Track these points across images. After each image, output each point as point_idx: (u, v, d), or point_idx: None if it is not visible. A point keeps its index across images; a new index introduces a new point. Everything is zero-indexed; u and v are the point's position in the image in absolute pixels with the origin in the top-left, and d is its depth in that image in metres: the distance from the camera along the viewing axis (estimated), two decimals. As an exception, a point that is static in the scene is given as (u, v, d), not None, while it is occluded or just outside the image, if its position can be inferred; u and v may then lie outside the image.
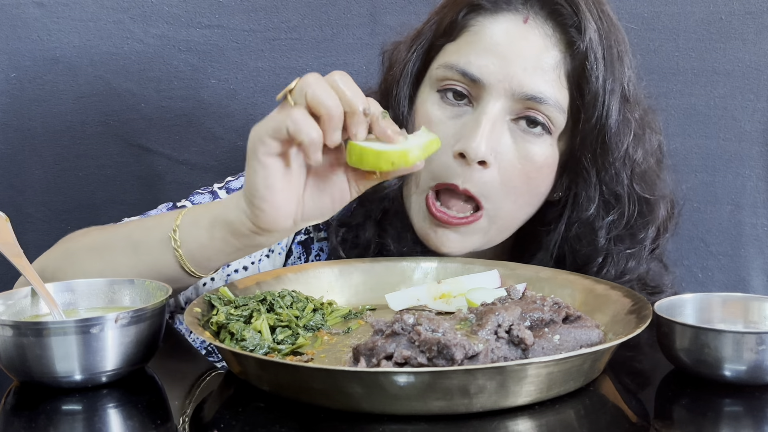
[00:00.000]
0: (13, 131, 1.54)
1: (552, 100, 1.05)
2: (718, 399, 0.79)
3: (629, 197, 1.10)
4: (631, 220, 1.10)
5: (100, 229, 1.08)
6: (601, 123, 1.05)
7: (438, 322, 0.77)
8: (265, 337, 0.88)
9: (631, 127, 1.08)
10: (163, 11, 1.54)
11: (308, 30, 1.57)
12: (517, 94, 1.04)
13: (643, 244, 1.12)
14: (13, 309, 0.88)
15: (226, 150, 1.59)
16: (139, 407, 0.79)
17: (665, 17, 1.61)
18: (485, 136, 1.03)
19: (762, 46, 1.61)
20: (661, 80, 1.62)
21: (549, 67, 1.05)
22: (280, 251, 1.19)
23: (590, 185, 1.09)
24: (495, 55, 1.05)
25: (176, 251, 0.94)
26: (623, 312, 0.89)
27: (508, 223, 1.11)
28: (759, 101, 1.62)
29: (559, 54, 1.06)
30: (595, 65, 1.04)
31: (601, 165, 1.08)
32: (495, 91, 1.05)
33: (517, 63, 1.04)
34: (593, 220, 1.10)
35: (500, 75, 1.04)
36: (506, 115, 1.06)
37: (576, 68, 1.06)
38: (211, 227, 0.93)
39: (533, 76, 1.04)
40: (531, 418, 0.74)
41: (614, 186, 1.09)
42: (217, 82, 1.57)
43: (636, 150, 1.09)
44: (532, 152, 1.07)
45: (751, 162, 1.63)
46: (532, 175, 1.08)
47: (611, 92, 1.05)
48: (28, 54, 1.52)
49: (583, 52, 1.04)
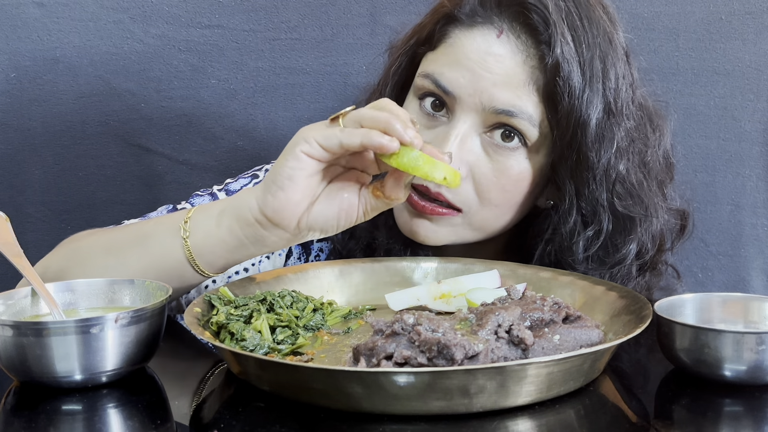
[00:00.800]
0: (13, 131, 1.54)
1: (524, 114, 1.04)
2: (718, 399, 0.79)
3: (609, 213, 1.07)
4: (608, 237, 1.08)
5: (105, 230, 1.08)
6: (577, 138, 1.03)
7: (438, 322, 0.77)
8: (265, 337, 0.88)
9: (614, 140, 1.05)
10: (163, 11, 1.54)
11: (308, 30, 1.57)
12: (488, 108, 1.04)
13: (623, 264, 1.09)
14: (13, 309, 0.88)
15: (226, 150, 1.59)
16: (139, 407, 0.79)
17: (665, 17, 1.61)
18: (453, 150, 1.04)
19: (762, 46, 1.61)
20: (661, 80, 1.62)
21: (520, 82, 1.04)
22: (279, 252, 1.19)
23: (569, 199, 1.07)
24: (466, 68, 1.05)
25: (184, 241, 0.94)
26: (623, 312, 0.89)
27: (485, 227, 1.11)
28: (759, 101, 1.62)
29: (531, 69, 1.04)
30: (568, 81, 1.02)
31: (579, 179, 1.06)
32: (466, 105, 1.05)
33: (486, 78, 1.04)
34: (572, 234, 1.08)
35: (470, 89, 1.04)
36: (478, 129, 1.06)
37: (548, 83, 1.03)
38: (220, 215, 0.94)
39: (503, 90, 1.03)
40: (531, 418, 0.74)
41: (592, 201, 1.06)
42: (217, 82, 1.57)
43: (618, 163, 1.06)
44: (507, 166, 1.06)
45: (751, 162, 1.63)
46: (508, 188, 1.07)
47: (588, 106, 1.03)
48: (28, 54, 1.52)
49: (552, 67, 1.02)
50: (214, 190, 1.19)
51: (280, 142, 1.27)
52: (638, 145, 1.10)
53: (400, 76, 1.15)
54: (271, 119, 1.59)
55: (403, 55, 1.15)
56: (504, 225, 1.12)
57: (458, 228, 1.10)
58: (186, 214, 0.96)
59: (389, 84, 1.15)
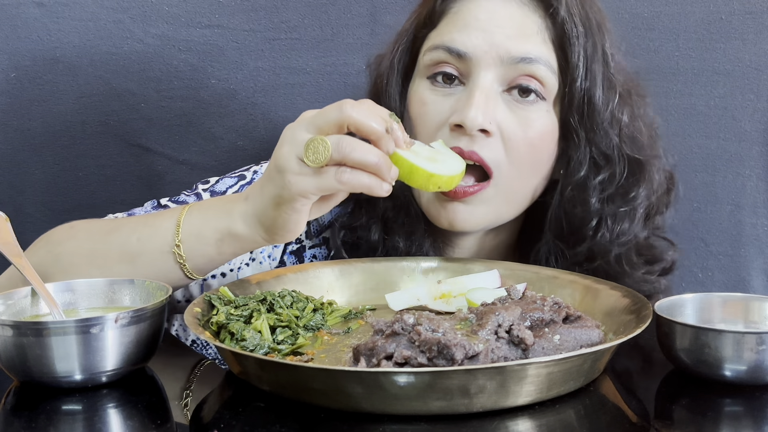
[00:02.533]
0: (13, 131, 1.54)
1: (542, 59, 1.07)
2: (718, 399, 0.79)
3: (619, 157, 1.11)
4: (622, 179, 1.12)
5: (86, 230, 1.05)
6: (587, 85, 1.08)
7: (438, 322, 0.77)
8: (265, 337, 0.88)
9: (616, 89, 1.10)
10: (163, 11, 1.54)
11: (308, 30, 1.57)
12: (506, 60, 1.06)
13: (635, 203, 1.13)
14: (13, 309, 0.88)
15: (226, 150, 1.59)
16: (139, 407, 0.79)
17: (665, 17, 1.61)
18: (480, 107, 1.04)
19: (762, 46, 1.61)
20: (661, 80, 1.62)
21: (532, 31, 1.07)
22: (262, 260, 1.18)
23: (580, 147, 1.10)
24: (477, 29, 1.07)
25: (182, 265, 0.96)
26: (623, 312, 0.89)
27: (516, 195, 1.11)
28: (759, 101, 1.62)
29: (540, 19, 1.08)
30: (575, 28, 1.07)
31: (589, 126, 1.09)
32: (483, 62, 1.06)
33: (500, 32, 1.06)
34: (585, 181, 1.11)
35: (485, 46, 1.06)
36: (499, 86, 1.07)
37: (558, 31, 1.08)
38: (220, 242, 0.95)
39: (518, 40, 1.06)
40: (531, 418, 0.74)
41: (603, 146, 1.10)
42: (217, 82, 1.57)
43: (622, 111, 1.11)
44: (531, 119, 1.08)
45: (751, 162, 1.63)
46: (536, 143, 1.09)
47: (593, 55, 1.08)
48: (28, 54, 1.52)
49: (562, 15, 1.07)
50: (200, 191, 1.19)
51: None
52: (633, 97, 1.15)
53: (403, 65, 1.15)
54: (271, 119, 1.59)
55: (402, 44, 1.15)
56: (531, 192, 1.13)
57: (492, 204, 1.09)
58: (175, 236, 0.96)
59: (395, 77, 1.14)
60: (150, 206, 1.18)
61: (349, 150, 0.86)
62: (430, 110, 1.09)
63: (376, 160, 0.86)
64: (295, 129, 0.89)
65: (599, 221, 1.11)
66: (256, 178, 1.20)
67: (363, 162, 0.86)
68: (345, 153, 0.86)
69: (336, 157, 0.86)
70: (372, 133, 0.87)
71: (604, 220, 1.11)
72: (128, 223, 1.03)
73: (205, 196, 1.18)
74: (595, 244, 1.11)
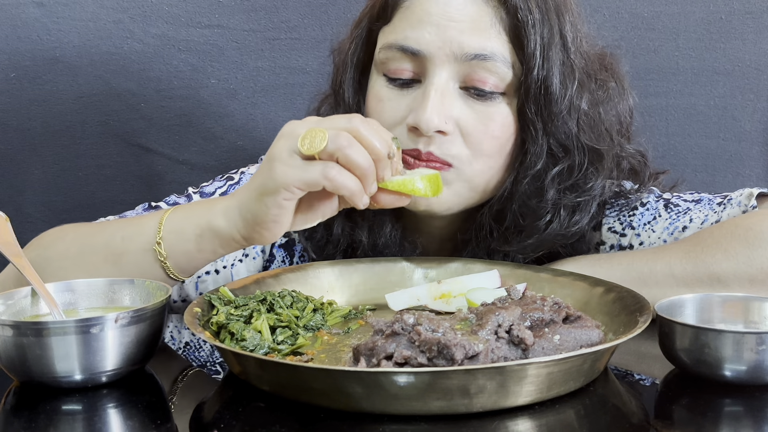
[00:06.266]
0: (13, 131, 1.54)
1: (497, 55, 1.04)
2: (718, 399, 0.79)
3: (577, 147, 1.08)
4: (581, 171, 1.09)
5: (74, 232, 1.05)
6: (543, 75, 1.05)
7: (438, 322, 0.77)
8: (265, 337, 0.88)
9: (575, 75, 1.07)
10: (163, 11, 1.54)
11: (308, 30, 1.58)
12: (460, 56, 1.04)
13: (593, 193, 1.10)
14: (13, 309, 0.88)
15: (226, 150, 1.59)
16: (139, 407, 0.79)
17: (665, 17, 1.61)
18: (435, 107, 1.03)
19: (762, 46, 1.61)
20: (661, 80, 1.63)
21: (486, 24, 1.04)
22: (255, 255, 1.18)
23: (537, 138, 1.07)
24: (430, 24, 1.04)
25: (162, 263, 0.96)
26: (623, 312, 0.89)
27: (480, 183, 1.09)
28: (759, 101, 1.62)
29: (493, 10, 1.05)
30: (529, 15, 1.04)
31: (546, 116, 1.06)
32: (437, 59, 1.04)
33: (453, 27, 1.04)
34: (542, 173, 1.08)
35: (439, 42, 1.04)
36: (455, 83, 1.05)
37: (512, 21, 1.05)
38: (199, 238, 0.95)
39: (472, 36, 1.04)
40: (531, 418, 0.74)
41: (561, 137, 1.07)
42: (217, 82, 1.57)
43: (581, 98, 1.08)
44: (490, 113, 1.06)
45: (751, 162, 1.63)
46: (497, 134, 1.06)
47: (549, 42, 1.05)
48: (28, 54, 1.52)
49: (513, 4, 1.04)
50: (190, 192, 1.19)
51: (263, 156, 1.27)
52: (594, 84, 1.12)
53: (359, 59, 1.14)
54: (270, 119, 1.59)
55: (357, 37, 1.13)
56: (497, 182, 1.10)
57: (455, 186, 1.07)
58: (156, 233, 0.96)
59: (348, 69, 1.13)
60: (141, 209, 1.18)
61: (345, 144, 0.86)
62: (386, 108, 1.07)
63: (366, 165, 0.87)
64: (296, 125, 0.90)
65: (553, 214, 1.10)
66: (243, 179, 1.20)
67: (355, 161, 0.86)
68: (341, 145, 0.86)
69: (331, 148, 0.86)
70: (374, 152, 0.88)
71: (558, 212, 1.10)
72: (115, 224, 1.04)
73: (195, 197, 1.18)
74: (546, 235, 1.10)
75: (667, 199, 1.16)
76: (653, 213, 1.14)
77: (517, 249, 1.11)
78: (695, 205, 1.13)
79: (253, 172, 1.23)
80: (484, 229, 1.12)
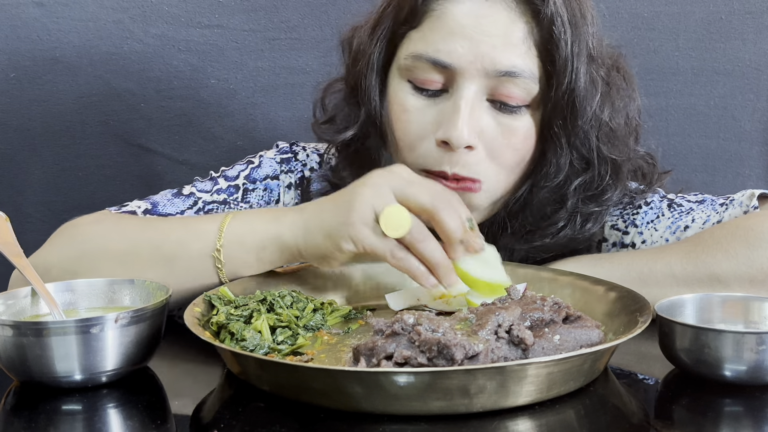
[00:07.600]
0: (13, 131, 1.54)
1: (527, 72, 1.04)
2: (718, 399, 0.79)
3: (599, 159, 1.09)
4: (603, 182, 1.10)
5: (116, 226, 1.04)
6: (571, 88, 1.04)
7: (438, 322, 0.77)
8: (265, 337, 0.88)
9: (598, 86, 1.07)
10: (163, 11, 1.54)
11: (308, 30, 1.58)
12: (491, 72, 1.03)
13: (608, 204, 1.12)
14: (13, 309, 0.88)
15: (225, 150, 1.59)
16: (139, 407, 0.79)
17: (665, 17, 1.61)
18: (466, 122, 1.03)
19: (762, 46, 1.61)
20: (661, 80, 1.62)
21: (518, 40, 1.04)
22: None
23: (561, 151, 1.07)
24: (462, 37, 1.03)
25: (220, 270, 0.98)
26: (623, 312, 0.89)
27: (500, 194, 1.10)
28: (759, 101, 1.62)
29: (526, 25, 1.04)
30: (562, 30, 1.03)
31: (571, 130, 1.07)
32: (468, 73, 1.03)
33: (485, 42, 1.03)
34: (563, 185, 1.09)
35: (470, 56, 1.03)
36: (483, 95, 1.05)
37: (544, 36, 1.04)
38: (262, 250, 0.98)
39: (504, 51, 1.03)
40: (531, 418, 0.74)
41: (583, 150, 1.08)
42: (217, 82, 1.57)
43: (603, 110, 1.08)
44: (514, 126, 1.06)
45: (751, 162, 1.63)
46: (518, 147, 1.07)
47: (578, 54, 1.04)
48: (28, 54, 1.52)
49: (549, 19, 1.03)
50: (214, 175, 1.20)
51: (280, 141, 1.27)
52: (613, 92, 1.12)
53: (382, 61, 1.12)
54: (271, 119, 1.59)
55: (381, 39, 1.11)
56: (512, 192, 1.11)
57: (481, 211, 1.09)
58: (216, 240, 0.97)
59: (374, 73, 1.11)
60: (170, 194, 1.16)
61: (420, 239, 0.92)
62: (413, 119, 1.07)
63: (437, 261, 0.93)
64: (386, 182, 0.93)
65: (568, 221, 1.11)
66: (263, 160, 1.23)
67: (427, 257, 0.93)
68: (416, 240, 0.92)
69: (407, 239, 0.91)
70: (448, 236, 0.93)
71: (573, 220, 1.11)
72: (162, 224, 1.03)
73: (220, 180, 1.19)
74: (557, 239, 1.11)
75: (671, 199, 1.16)
76: (656, 212, 1.15)
77: (527, 249, 1.12)
78: (698, 205, 1.14)
79: (272, 156, 1.24)
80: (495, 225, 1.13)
